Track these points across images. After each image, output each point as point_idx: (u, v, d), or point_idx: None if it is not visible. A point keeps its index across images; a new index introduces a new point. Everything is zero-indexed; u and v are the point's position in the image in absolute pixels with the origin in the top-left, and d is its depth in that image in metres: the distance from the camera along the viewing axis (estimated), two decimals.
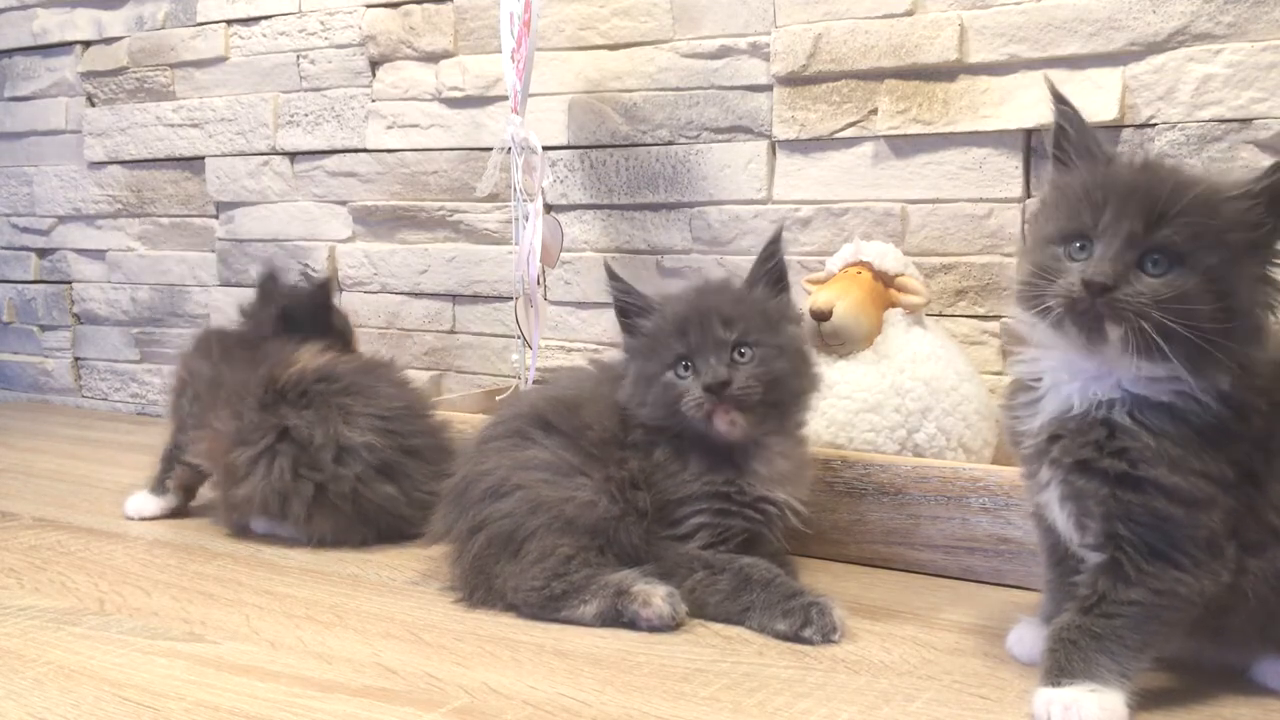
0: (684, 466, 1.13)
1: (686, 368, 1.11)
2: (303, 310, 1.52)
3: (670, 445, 1.14)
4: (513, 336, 1.77)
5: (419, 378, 1.96)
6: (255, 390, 1.38)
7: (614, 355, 1.25)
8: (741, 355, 1.11)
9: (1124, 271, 0.81)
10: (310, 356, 1.42)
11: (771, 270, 1.17)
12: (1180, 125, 1.36)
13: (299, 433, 1.33)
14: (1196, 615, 0.85)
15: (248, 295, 1.60)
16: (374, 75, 1.96)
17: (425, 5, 1.90)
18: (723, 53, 1.65)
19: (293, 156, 2.07)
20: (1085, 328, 0.82)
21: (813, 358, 1.20)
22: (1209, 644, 0.90)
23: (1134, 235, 0.81)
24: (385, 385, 1.42)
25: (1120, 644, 0.83)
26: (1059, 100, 0.91)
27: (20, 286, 2.46)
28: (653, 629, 1.05)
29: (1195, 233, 0.80)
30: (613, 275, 1.20)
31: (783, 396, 1.13)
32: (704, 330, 1.10)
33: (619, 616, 1.06)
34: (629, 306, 1.19)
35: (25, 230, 2.44)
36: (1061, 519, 0.89)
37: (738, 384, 1.08)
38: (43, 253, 2.43)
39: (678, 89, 1.69)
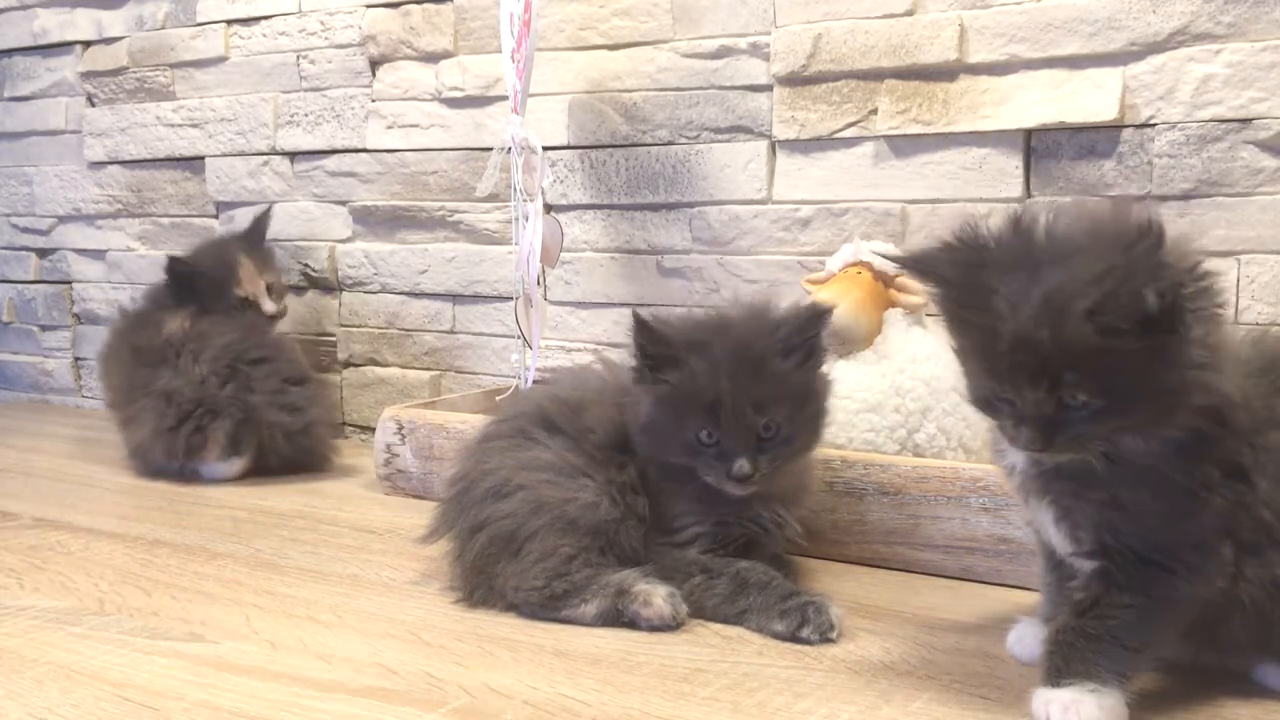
0: (681, 486, 1.12)
1: (710, 435, 1.08)
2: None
3: (667, 467, 1.13)
4: (513, 336, 1.76)
5: (419, 379, 1.97)
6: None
7: (621, 356, 1.23)
8: (766, 431, 1.08)
9: (1050, 426, 0.81)
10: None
11: (806, 343, 1.10)
12: (1180, 125, 1.36)
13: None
14: (1193, 618, 0.85)
15: None
16: (374, 75, 1.96)
17: (425, 5, 1.90)
18: (723, 53, 1.65)
19: (293, 156, 2.07)
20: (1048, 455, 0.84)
21: (826, 414, 1.16)
22: (1207, 650, 0.90)
23: (1036, 390, 0.80)
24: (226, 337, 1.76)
25: (1117, 645, 0.83)
26: (905, 264, 0.91)
27: (20, 286, 2.46)
28: (653, 629, 1.05)
29: (1085, 372, 0.78)
30: (642, 324, 1.10)
31: (806, 448, 1.14)
32: (736, 415, 1.07)
33: (620, 616, 1.06)
34: (659, 357, 1.10)
35: (25, 230, 2.44)
36: (1056, 537, 0.89)
37: (760, 471, 1.07)
38: (43, 253, 2.43)
39: (678, 89, 1.69)
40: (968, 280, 0.83)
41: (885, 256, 0.91)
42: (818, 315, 1.12)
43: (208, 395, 1.69)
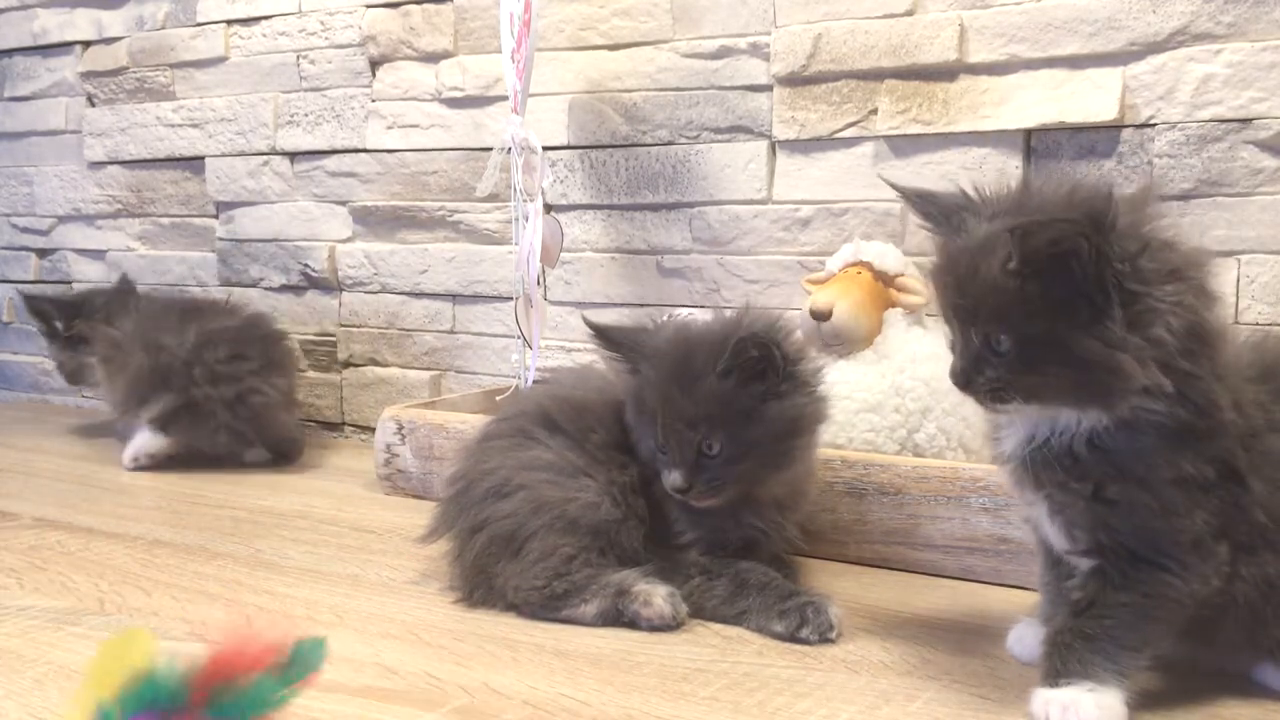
0: None
1: (663, 449, 1.10)
2: None
3: None
4: (513, 336, 1.76)
5: (419, 379, 1.97)
6: None
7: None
8: (709, 449, 1.07)
9: (972, 364, 0.85)
10: None
11: (746, 364, 1.06)
12: (1180, 125, 1.36)
13: None
14: (1189, 617, 0.85)
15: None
16: (374, 75, 1.96)
17: (425, 5, 1.90)
18: (723, 53, 1.65)
19: (293, 156, 2.07)
20: (979, 403, 0.88)
21: (806, 421, 1.11)
22: (1203, 649, 0.90)
23: (965, 328, 0.85)
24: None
25: (1115, 644, 0.83)
26: (904, 195, 0.93)
27: (20, 286, 2.46)
28: (653, 629, 1.05)
29: (997, 314, 0.82)
30: (597, 331, 1.15)
31: (760, 473, 1.10)
32: (669, 429, 1.08)
33: (620, 616, 1.06)
34: (620, 359, 1.16)
35: (25, 230, 2.44)
36: (1052, 532, 0.90)
37: (699, 487, 1.08)
38: (43, 253, 2.43)
39: (678, 89, 1.69)
40: (949, 221, 0.88)
41: (890, 184, 0.96)
42: (751, 342, 1.06)
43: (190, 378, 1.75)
